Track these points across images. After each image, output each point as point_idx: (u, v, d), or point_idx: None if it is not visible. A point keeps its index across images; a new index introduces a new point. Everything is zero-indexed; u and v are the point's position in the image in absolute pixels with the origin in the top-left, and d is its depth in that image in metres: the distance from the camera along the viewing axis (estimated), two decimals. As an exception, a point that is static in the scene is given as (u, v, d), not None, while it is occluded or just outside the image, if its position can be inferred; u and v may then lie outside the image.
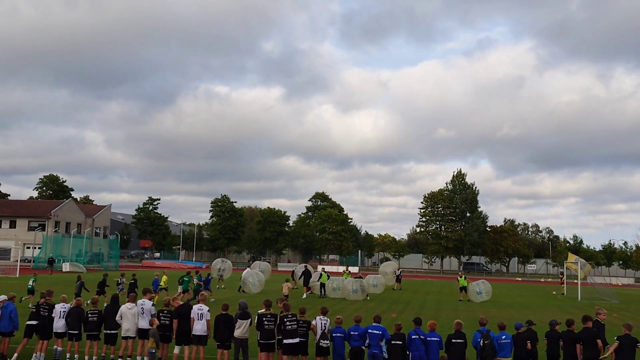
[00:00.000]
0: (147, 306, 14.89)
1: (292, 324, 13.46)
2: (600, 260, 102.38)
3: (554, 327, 14.12)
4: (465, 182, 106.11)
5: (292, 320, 13.51)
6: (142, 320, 14.75)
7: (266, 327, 13.46)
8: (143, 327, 14.63)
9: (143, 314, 14.80)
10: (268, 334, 13.44)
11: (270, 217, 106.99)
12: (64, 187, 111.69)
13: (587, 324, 13.53)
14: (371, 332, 13.50)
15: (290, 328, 13.40)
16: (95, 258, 77.14)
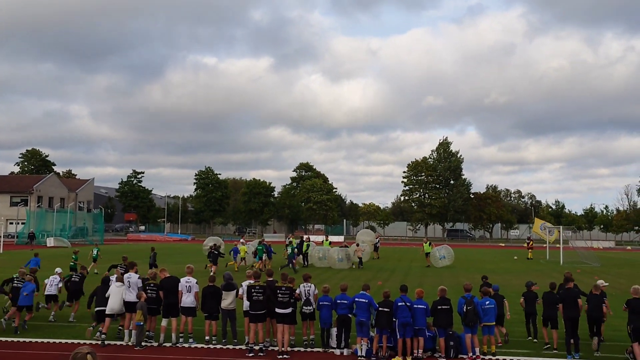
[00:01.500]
0: (133, 280, 14.91)
1: (285, 296, 13.57)
2: (581, 224, 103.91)
3: (530, 288, 15.52)
4: (450, 151, 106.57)
5: (285, 293, 13.61)
6: (129, 294, 14.78)
7: (255, 298, 13.56)
8: (130, 301, 14.67)
9: (130, 287, 14.83)
10: (257, 305, 13.53)
11: (255, 188, 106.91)
12: (47, 161, 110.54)
13: (569, 284, 14.20)
14: (358, 300, 13.70)
15: (282, 299, 13.51)
16: (79, 232, 76.89)
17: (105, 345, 14.06)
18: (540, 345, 14.69)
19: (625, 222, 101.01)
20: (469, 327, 13.33)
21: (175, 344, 14.27)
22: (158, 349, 14.01)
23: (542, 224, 51.17)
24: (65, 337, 15.02)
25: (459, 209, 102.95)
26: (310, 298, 14.26)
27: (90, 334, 15.02)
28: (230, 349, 14.04)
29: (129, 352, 13.58)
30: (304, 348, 14.14)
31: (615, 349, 14.06)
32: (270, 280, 14.48)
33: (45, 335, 15.19)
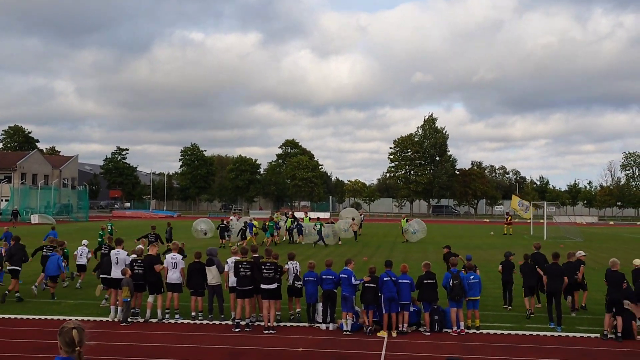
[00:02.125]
0: (121, 256, 14.94)
1: (270, 272, 13.60)
2: (565, 200, 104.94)
3: (508, 258, 16.51)
4: (435, 127, 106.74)
5: (270, 268, 13.64)
6: (116, 270, 14.77)
7: (242, 274, 13.58)
8: (116, 277, 14.65)
9: (117, 263, 14.84)
10: (244, 281, 13.57)
11: (242, 165, 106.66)
12: (30, 138, 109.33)
13: (555, 260, 14.70)
14: (341, 276, 13.81)
15: (267, 275, 13.55)
16: (64, 209, 76.43)
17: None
18: (524, 319, 14.90)
19: (609, 197, 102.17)
20: (455, 301, 13.47)
21: (160, 320, 14.30)
22: (144, 325, 14.04)
23: (520, 201, 51.79)
24: (51, 313, 15.01)
25: (444, 185, 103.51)
26: (297, 274, 14.63)
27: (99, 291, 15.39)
28: (217, 324, 14.10)
29: (115, 328, 13.59)
30: (289, 323, 14.25)
31: (597, 323, 14.29)
32: (255, 256, 14.53)
33: (32, 312, 15.16)
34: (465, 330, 13.52)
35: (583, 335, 13.38)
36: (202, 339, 12.72)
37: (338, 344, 12.37)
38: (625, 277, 13.48)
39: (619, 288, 13.23)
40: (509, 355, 11.73)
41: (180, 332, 13.34)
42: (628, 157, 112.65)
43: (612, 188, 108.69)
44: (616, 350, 12.18)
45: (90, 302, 16.54)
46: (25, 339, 12.49)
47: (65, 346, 4.62)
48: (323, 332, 13.52)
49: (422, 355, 11.70)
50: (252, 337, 12.91)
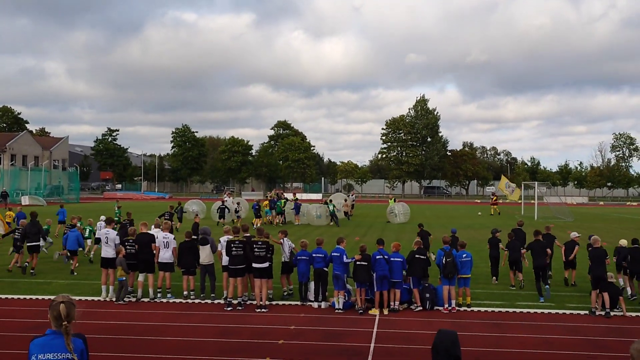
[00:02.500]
0: (111, 235, 14.95)
1: (262, 250, 13.60)
2: (556, 180, 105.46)
3: (495, 235, 17.28)
4: (427, 108, 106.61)
5: (262, 247, 13.63)
6: (106, 249, 14.79)
7: (234, 253, 13.58)
8: (106, 256, 14.68)
9: (107, 243, 14.85)
10: (237, 260, 13.57)
11: (234, 146, 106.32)
12: (19, 119, 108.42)
13: (538, 237, 15.63)
14: (333, 254, 13.89)
15: (258, 254, 13.54)
16: (55, 191, 76.08)
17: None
18: (514, 297, 15.02)
19: (599, 178, 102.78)
20: (447, 278, 13.54)
21: (152, 299, 14.29)
22: (136, 304, 14.03)
23: (507, 182, 52.17)
24: (42, 293, 14.97)
25: (436, 166, 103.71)
26: (292, 251, 15.04)
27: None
28: (209, 303, 14.11)
29: (107, 308, 13.58)
30: (282, 301, 14.29)
31: (587, 300, 14.40)
32: (247, 235, 14.52)
33: (22, 292, 15.11)
34: (456, 308, 13.60)
35: (573, 312, 13.49)
36: (194, 318, 12.73)
37: (330, 322, 12.41)
38: (607, 254, 13.64)
39: (602, 265, 13.38)
40: (500, 332, 11.82)
41: (172, 311, 13.34)
42: (618, 138, 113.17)
43: (603, 169, 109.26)
44: (605, 327, 12.29)
45: (82, 282, 16.53)
46: (16, 319, 12.46)
47: (53, 320, 4.60)
48: (315, 310, 13.56)
49: (414, 332, 11.76)
50: (243, 315, 12.93)
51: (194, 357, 9.93)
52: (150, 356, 9.93)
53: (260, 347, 10.46)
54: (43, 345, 4.60)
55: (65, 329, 4.57)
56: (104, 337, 10.92)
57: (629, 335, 11.62)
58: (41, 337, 4.65)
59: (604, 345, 10.94)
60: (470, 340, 10.92)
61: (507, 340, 11.19)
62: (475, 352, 10.26)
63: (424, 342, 10.74)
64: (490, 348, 10.65)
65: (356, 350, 10.35)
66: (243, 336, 11.21)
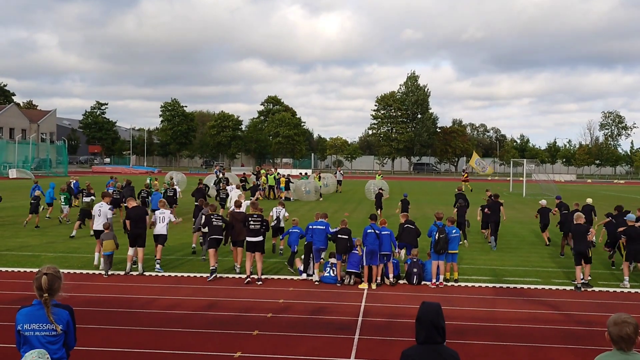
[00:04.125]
0: (104, 209, 15.19)
1: (256, 224, 13.67)
2: (544, 158, 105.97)
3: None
4: (417, 84, 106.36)
5: (257, 221, 13.70)
6: (98, 222, 15.06)
7: (214, 224, 14.10)
8: (98, 229, 14.86)
9: (99, 216, 15.10)
10: (216, 230, 14.11)
11: (223, 121, 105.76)
12: (5, 91, 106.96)
13: (496, 198, 20.00)
14: (315, 227, 14.16)
15: (253, 227, 13.62)
16: (42, 164, 75.54)
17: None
18: (501, 272, 15.18)
19: (587, 156, 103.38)
20: (438, 254, 13.63)
21: (142, 272, 14.29)
22: (125, 277, 14.04)
23: (478, 159, 52.24)
24: (30, 266, 14.93)
25: (425, 142, 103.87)
26: (280, 217, 16.98)
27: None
28: (197, 277, 14.13)
29: (96, 281, 13.59)
30: (271, 275, 14.35)
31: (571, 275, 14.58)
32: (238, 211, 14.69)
33: (10, 265, 15.08)
34: (443, 283, 13.73)
35: (559, 288, 13.66)
36: (182, 291, 12.75)
37: (318, 296, 12.48)
38: (589, 229, 13.81)
39: (584, 240, 13.54)
40: (487, 307, 11.95)
41: (160, 284, 13.36)
42: (607, 116, 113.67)
43: (591, 147, 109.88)
44: (590, 302, 12.46)
45: (71, 255, 16.50)
46: (4, 291, 12.44)
47: (36, 291, 4.60)
48: (304, 284, 13.64)
49: (401, 306, 11.87)
50: (232, 289, 12.97)
51: (182, 329, 9.97)
52: (138, 329, 9.96)
53: (248, 321, 10.52)
54: (29, 315, 4.61)
55: (45, 301, 4.56)
56: (92, 310, 10.93)
57: (613, 310, 11.79)
58: (27, 307, 4.66)
59: (588, 320, 11.10)
60: (458, 315, 11.04)
61: (494, 315, 11.31)
62: (462, 327, 10.37)
63: (412, 316, 10.78)
64: (477, 322, 10.77)
65: (344, 324, 10.43)
66: (232, 309, 11.26)
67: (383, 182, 41.21)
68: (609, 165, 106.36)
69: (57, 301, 4.69)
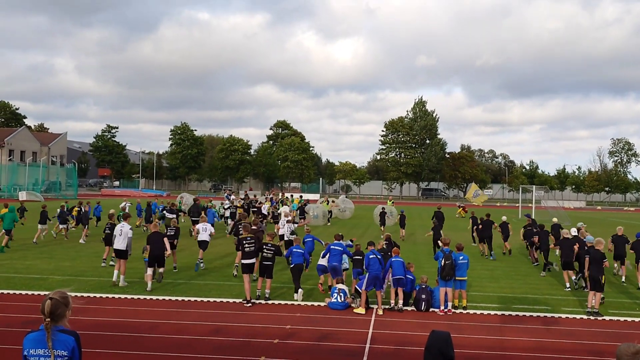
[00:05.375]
0: (125, 229, 15.72)
1: (251, 246, 14.04)
2: (554, 184, 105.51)
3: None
4: (425, 110, 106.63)
5: (251, 243, 14.07)
6: (118, 241, 15.60)
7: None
8: (118, 248, 15.55)
9: (120, 235, 15.63)
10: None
11: (232, 145, 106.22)
12: (17, 114, 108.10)
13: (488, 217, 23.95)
14: (333, 247, 14.85)
15: (248, 249, 13.98)
16: (52, 187, 75.93)
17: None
18: (510, 299, 15.03)
19: (596, 183, 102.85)
20: (445, 280, 13.54)
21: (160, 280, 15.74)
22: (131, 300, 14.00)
23: (476, 190, 52.31)
24: (38, 289, 14.93)
25: (434, 168, 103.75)
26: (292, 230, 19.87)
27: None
28: (204, 301, 14.07)
29: (102, 304, 13.55)
30: (277, 300, 14.26)
31: (582, 304, 14.41)
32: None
33: (18, 287, 15.07)
34: (452, 310, 13.60)
35: (569, 316, 13.50)
36: (190, 315, 12.70)
37: (325, 322, 12.39)
38: (606, 256, 13.70)
39: (600, 266, 13.45)
40: (496, 335, 11.81)
41: (167, 308, 13.31)
42: (616, 143, 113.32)
43: (600, 174, 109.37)
44: (600, 331, 12.30)
45: (79, 278, 16.49)
46: (11, 314, 12.43)
47: (41, 314, 4.59)
48: (310, 309, 13.55)
49: (409, 333, 11.75)
50: (239, 314, 12.90)
51: (189, 354, 9.90)
52: (145, 354, 9.90)
53: (255, 347, 10.44)
54: (35, 340, 4.58)
55: (46, 326, 4.54)
56: (98, 334, 10.88)
57: (625, 339, 11.61)
58: (34, 332, 4.63)
59: (599, 350, 10.94)
60: (466, 343, 10.92)
61: (503, 344, 11.18)
62: (471, 355, 10.25)
63: (420, 344, 10.72)
64: (486, 351, 10.64)
65: (351, 351, 10.34)
66: (238, 335, 11.19)
67: (393, 207, 41.30)
68: (618, 192, 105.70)
69: (63, 327, 4.66)
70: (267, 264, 14.20)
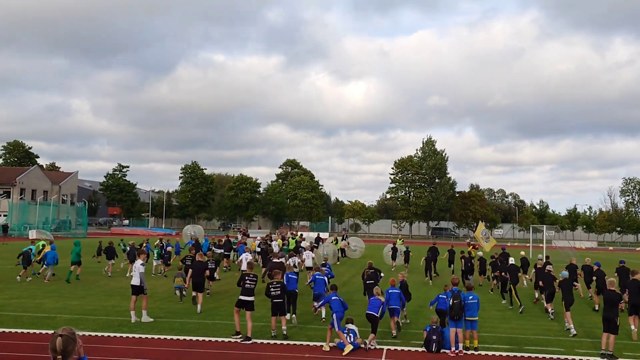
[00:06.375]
0: (137, 265, 16.27)
1: (252, 284, 14.52)
2: (564, 224, 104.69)
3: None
4: (434, 149, 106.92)
5: (252, 280, 14.57)
6: (135, 278, 16.10)
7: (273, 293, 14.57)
8: (133, 284, 16.02)
9: (135, 270, 16.21)
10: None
11: (242, 184, 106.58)
12: (30, 153, 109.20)
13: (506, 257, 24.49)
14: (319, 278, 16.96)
15: (248, 286, 14.48)
16: (62, 225, 76.17)
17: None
18: (522, 341, 14.80)
19: (608, 223, 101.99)
20: (454, 320, 13.39)
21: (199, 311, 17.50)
22: (139, 340, 13.90)
23: (483, 230, 51.95)
24: (46, 327, 14.88)
25: (443, 207, 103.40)
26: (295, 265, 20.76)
27: None
28: (213, 341, 13.96)
29: (110, 343, 13.46)
30: (286, 341, 14.12)
31: (595, 345, 14.18)
32: None
33: (27, 326, 15.03)
34: (463, 351, 13.40)
35: (582, 358, 13.26)
36: (199, 355, 12.58)
37: (335, 363, 12.24)
38: (622, 298, 13.52)
39: (615, 308, 13.26)
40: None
41: (176, 348, 13.20)
42: (628, 183, 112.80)
43: (612, 214, 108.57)
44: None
45: (87, 317, 16.43)
46: (20, 353, 12.37)
47: (51, 352, 4.57)
48: (319, 350, 13.40)
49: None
50: (248, 354, 12.77)
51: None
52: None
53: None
54: None
55: None
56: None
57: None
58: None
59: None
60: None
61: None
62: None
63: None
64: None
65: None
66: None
67: (402, 246, 41.18)
68: (630, 233, 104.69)
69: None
70: (278, 302, 14.43)
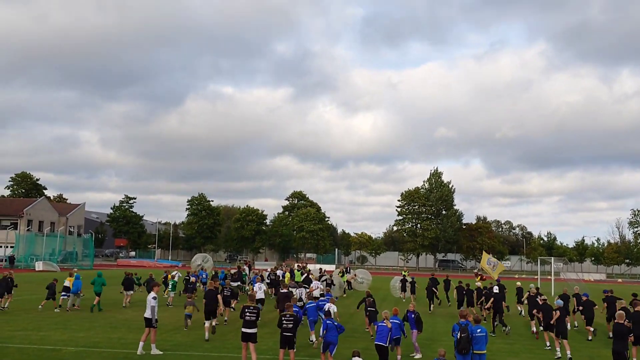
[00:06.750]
0: (149, 297, 16.17)
1: (252, 315, 14.41)
2: (572, 256, 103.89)
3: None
4: (441, 181, 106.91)
5: (253, 312, 14.43)
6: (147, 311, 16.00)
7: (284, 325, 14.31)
8: (147, 317, 15.91)
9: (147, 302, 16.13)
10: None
11: (248, 216, 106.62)
12: (37, 185, 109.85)
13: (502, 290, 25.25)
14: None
15: (249, 318, 14.36)
16: (69, 257, 76.22)
17: None
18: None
19: (616, 255, 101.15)
20: (461, 354, 13.25)
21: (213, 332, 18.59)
22: None
23: (489, 259, 51.60)
24: (52, 360, 14.83)
25: (450, 239, 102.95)
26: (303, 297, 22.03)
27: None
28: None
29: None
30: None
31: None
32: None
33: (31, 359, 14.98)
34: (471, 386, 13.25)
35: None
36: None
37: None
38: (631, 331, 13.37)
39: (625, 341, 13.12)
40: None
41: None
42: (636, 214, 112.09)
43: (620, 245, 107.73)
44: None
45: (92, 350, 16.37)
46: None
47: None
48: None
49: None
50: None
51: None
52: None
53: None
54: None
55: None
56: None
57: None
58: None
59: None
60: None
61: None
62: None
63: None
64: None
65: None
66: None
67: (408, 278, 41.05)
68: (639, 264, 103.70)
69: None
70: (288, 335, 14.22)
